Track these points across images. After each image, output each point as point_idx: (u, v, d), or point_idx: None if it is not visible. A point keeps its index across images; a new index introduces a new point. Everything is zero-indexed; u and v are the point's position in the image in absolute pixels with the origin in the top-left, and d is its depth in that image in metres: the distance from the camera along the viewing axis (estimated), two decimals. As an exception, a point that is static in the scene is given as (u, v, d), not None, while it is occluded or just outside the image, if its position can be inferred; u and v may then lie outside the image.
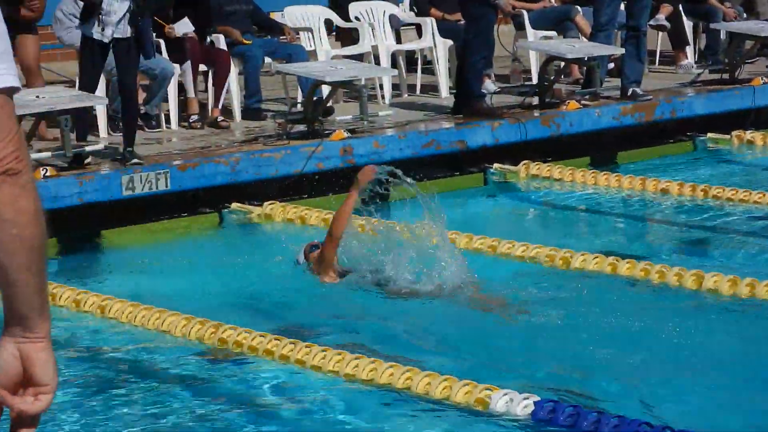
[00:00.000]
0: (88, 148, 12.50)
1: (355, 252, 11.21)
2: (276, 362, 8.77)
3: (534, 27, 16.99)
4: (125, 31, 12.73)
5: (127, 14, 12.63)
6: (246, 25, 15.76)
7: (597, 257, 10.54)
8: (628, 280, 10.46)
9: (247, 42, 15.52)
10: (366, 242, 11.54)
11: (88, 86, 12.85)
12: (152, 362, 9.43)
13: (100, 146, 12.62)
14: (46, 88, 13.55)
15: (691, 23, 18.39)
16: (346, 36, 17.78)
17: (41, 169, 11.71)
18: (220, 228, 12.65)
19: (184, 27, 14.83)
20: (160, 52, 14.50)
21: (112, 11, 12.69)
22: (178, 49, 14.78)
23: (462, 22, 15.25)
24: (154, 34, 14.38)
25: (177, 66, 14.55)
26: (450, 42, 16.31)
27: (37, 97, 12.38)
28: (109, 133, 14.07)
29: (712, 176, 13.85)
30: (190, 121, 14.82)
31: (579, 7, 17.23)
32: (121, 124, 13.57)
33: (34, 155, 11.80)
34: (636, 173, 13.75)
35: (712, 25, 17.64)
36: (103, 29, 12.65)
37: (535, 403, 7.36)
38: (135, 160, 12.16)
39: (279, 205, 12.71)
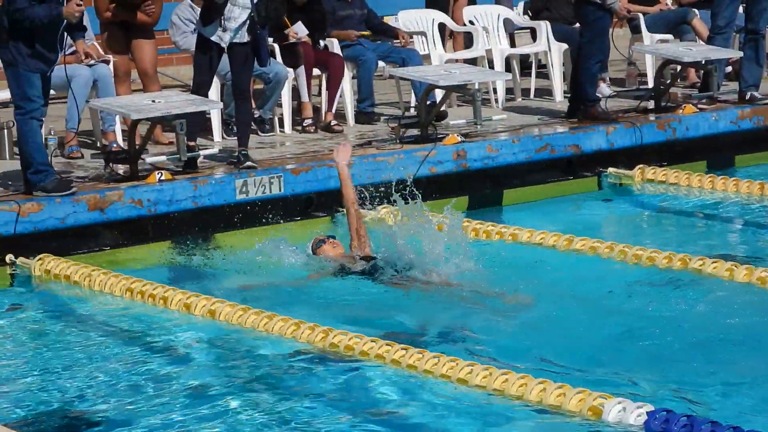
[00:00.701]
0: (202, 152, 12.60)
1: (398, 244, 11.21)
2: (387, 367, 8.68)
3: (650, 30, 16.82)
4: (243, 36, 12.86)
5: (248, 21, 12.76)
6: (360, 29, 15.69)
7: (716, 262, 10.30)
8: (746, 286, 10.17)
9: (365, 34, 15.54)
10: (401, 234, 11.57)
11: (202, 89, 12.99)
12: (264, 365, 9.26)
13: (214, 150, 12.76)
14: (161, 92, 13.64)
15: None
16: (460, 39, 17.64)
17: (156, 173, 11.84)
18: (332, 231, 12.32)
19: (299, 31, 14.91)
20: (275, 57, 14.50)
21: (233, 17, 12.87)
22: (293, 54, 14.79)
23: (577, 25, 15.11)
24: (270, 39, 14.46)
25: (291, 70, 14.58)
26: (565, 46, 16.24)
27: (153, 101, 12.49)
28: (223, 137, 14.13)
29: None
30: (304, 125, 14.83)
31: (696, 10, 16.96)
32: (234, 128, 13.69)
33: (150, 159, 12.16)
34: (755, 177, 13.52)
35: None
36: (222, 33, 12.84)
37: (648, 413, 7.11)
38: (248, 164, 12.30)
39: (392, 210, 12.56)
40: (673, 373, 8.53)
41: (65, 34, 11.53)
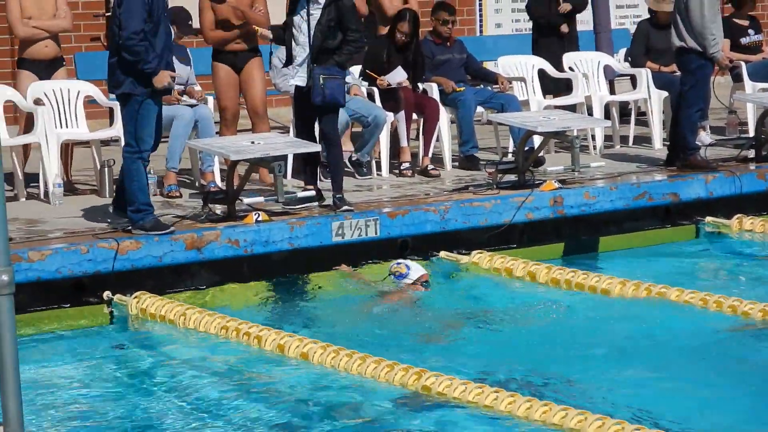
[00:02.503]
0: (300, 194, 12.70)
1: None
2: (468, 407, 8.62)
3: (752, 79, 16.66)
4: (304, 79, 13.00)
5: (306, 61, 12.88)
6: (459, 74, 15.67)
7: None
8: None
9: (460, 89, 15.41)
10: None
11: (302, 132, 13.06)
12: (357, 407, 9.18)
13: (311, 192, 12.74)
14: (261, 134, 13.83)
15: None
16: (560, 86, 17.50)
17: (254, 213, 11.93)
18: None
19: (398, 76, 14.86)
20: (374, 101, 14.65)
21: (297, 56, 13.06)
22: (393, 98, 14.80)
23: (677, 73, 14.98)
24: (367, 83, 14.52)
25: (390, 114, 14.59)
26: (665, 93, 16.12)
27: (252, 142, 12.67)
28: (320, 180, 13.98)
29: None
30: (401, 168, 14.81)
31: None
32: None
33: (248, 200, 12.29)
34: None
35: None
36: (293, 75, 13.06)
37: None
38: (345, 207, 12.37)
39: (487, 255, 12.54)
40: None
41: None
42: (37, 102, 13.65)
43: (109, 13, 13.21)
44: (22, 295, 10.44)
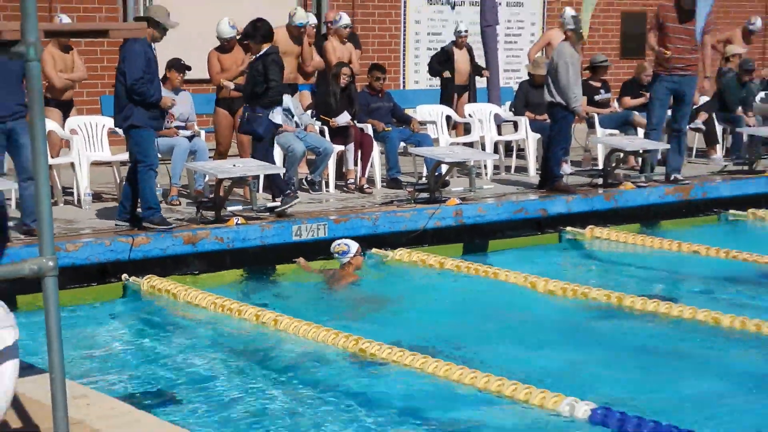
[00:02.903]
0: (268, 204, 12.79)
1: None
2: (395, 367, 8.74)
3: (602, 126, 17.13)
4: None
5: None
6: (387, 118, 15.74)
7: (642, 299, 10.51)
8: (667, 318, 10.34)
9: (388, 129, 15.54)
10: None
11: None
12: (310, 369, 9.24)
13: (276, 204, 12.74)
14: (241, 159, 13.88)
15: (722, 127, 18.08)
16: (461, 128, 17.75)
17: (234, 218, 12.09)
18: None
19: (344, 118, 14.97)
20: (324, 136, 14.74)
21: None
22: (341, 134, 14.95)
23: (548, 121, 15.33)
24: (320, 123, 14.96)
25: (338, 146, 14.75)
26: (538, 135, 16.41)
27: (234, 165, 12.66)
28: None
29: (733, 242, 13.65)
30: (347, 183, 14.96)
31: (636, 112, 17.27)
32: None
33: (230, 208, 12.40)
34: (675, 237, 13.62)
35: (737, 130, 17.43)
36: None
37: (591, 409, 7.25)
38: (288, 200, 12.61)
39: (406, 251, 12.74)
40: (609, 380, 8.69)
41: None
42: (72, 132, 13.85)
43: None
44: (62, 277, 10.50)
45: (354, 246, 11.96)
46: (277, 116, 13.19)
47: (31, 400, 5.95)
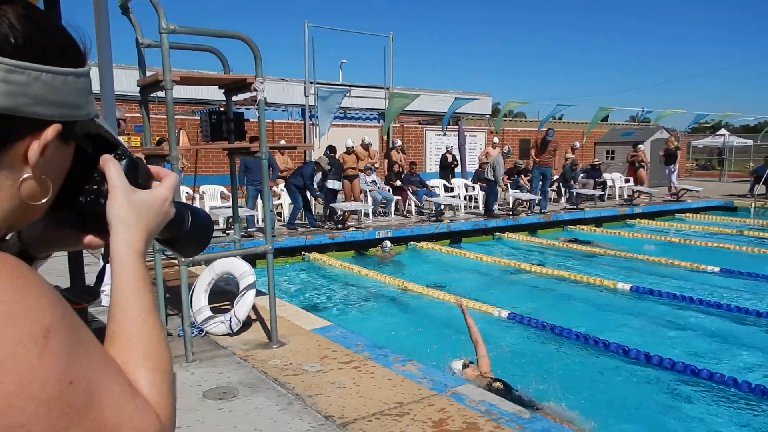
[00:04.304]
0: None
1: None
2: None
3: (512, 188, 16.50)
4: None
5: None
6: (417, 184, 14.82)
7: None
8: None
9: (416, 189, 14.60)
10: None
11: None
12: (379, 296, 8.77)
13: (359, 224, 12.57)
14: (350, 203, 12.97)
15: (563, 188, 17.15)
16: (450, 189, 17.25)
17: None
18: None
19: (399, 184, 14.55)
20: (390, 191, 14.19)
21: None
22: (398, 191, 14.40)
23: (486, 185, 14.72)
24: (388, 186, 14.36)
25: (398, 196, 14.17)
26: (483, 192, 15.64)
27: (348, 205, 12.29)
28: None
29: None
30: (404, 213, 14.13)
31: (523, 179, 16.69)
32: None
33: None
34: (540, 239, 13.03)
35: (571, 190, 16.69)
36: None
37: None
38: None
39: (426, 243, 12.04)
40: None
41: None
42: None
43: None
44: (275, 253, 10.40)
45: (390, 244, 11.48)
46: (335, 184, 12.54)
47: (260, 306, 5.99)
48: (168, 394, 0.73)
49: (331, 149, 13.00)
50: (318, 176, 12.15)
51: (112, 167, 0.78)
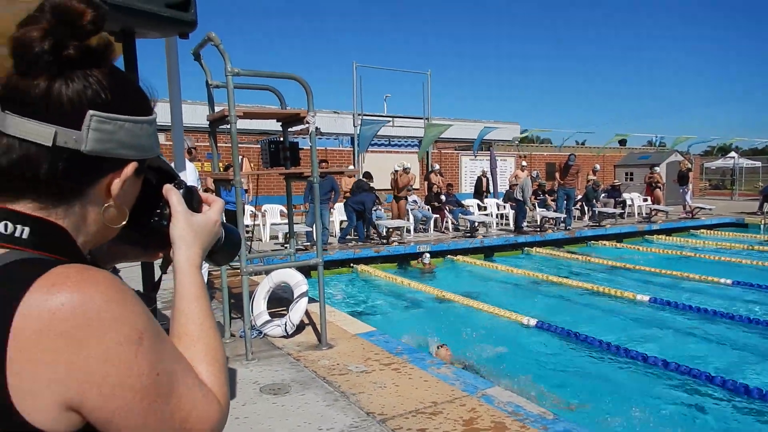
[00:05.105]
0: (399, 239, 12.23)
1: None
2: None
3: (540, 206, 16.12)
4: None
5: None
6: (454, 204, 14.61)
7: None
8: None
9: (453, 208, 14.44)
10: None
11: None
12: (419, 303, 8.70)
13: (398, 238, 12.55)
14: (396, 220, 12.84)
15: (587, 207, 17.07)
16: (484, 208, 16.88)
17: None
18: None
19: (438, 203, 14.41)
20: (430, 210, 14.01)
21: None
22: (437, 210, 14.12)
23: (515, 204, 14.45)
24: (427, 206, 14.22)
25: (436, 215, 14.03)
26: (513, 211, 15.37)
27: (392, 222, 12.22)
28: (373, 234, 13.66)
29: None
30: (442, 229, 13.92)
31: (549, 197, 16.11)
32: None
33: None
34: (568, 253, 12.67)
35: (593, 209, 16.35)
36: None
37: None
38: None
39: (462, 257, 11.96)
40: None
41: None
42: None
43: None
44: (326, 264, 10.18)
45: (429, 256, 11.29)
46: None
47: (312, 312, 5.97)
48: (224, 384, 0.79)
49: (366, 175, 12.93)
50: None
51: (173, 195, 0.84)
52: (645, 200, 18.64)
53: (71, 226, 0.73)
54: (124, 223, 0.78)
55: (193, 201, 0.87)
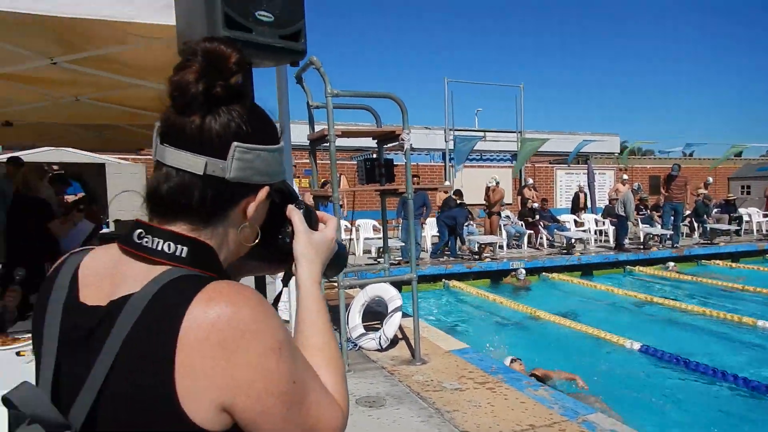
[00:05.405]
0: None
1: None
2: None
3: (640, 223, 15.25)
4: None
5: None
6: (548, 219, 14.52)
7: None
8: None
9: (548, 224, 14.20)
10: None
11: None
12: (506, 320, 8.67)
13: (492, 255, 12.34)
14: (488, 236, 12.77)
15: (697, 224, 15.98)
16: (580, 225, 16.17)
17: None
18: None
19: (532, 218, 14.12)
20: (522, 226, 13.72)
21: None
22: (532, 226, 13.81)
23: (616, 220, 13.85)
24: (520, 221, 13.88)
25: (530, 230, 13.73)
26: (613, 227, 14.64)
27: (485, 238, 12.05)
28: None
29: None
30: (536, 246, 13.65)
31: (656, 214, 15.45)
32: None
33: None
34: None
35: (704, 225, 15.18)
36: None
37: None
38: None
39: (558, 275, 11.57)
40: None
41: None
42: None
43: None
44: (419, 279, 10.38)
45: (524, 271, 11.03)
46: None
47: (405, 327, 6.00)
48: (346, 392, 0.84)
49: (456, 193, 12.82)
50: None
51: (295, 215, 0.91)
52: (766, 216, 17.12)
53: (216, 245, 0.80)
54: (256, 241, 0.85)
55: (312, 220, 0.93)
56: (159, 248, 0.76)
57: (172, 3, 1.71)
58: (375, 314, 6.34)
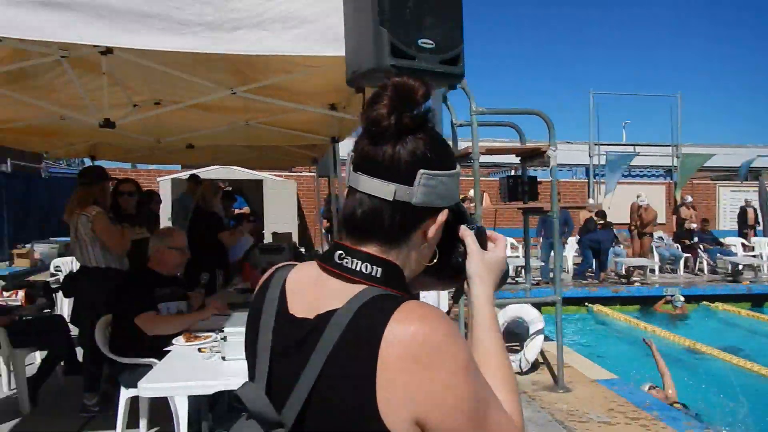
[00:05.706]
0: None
1: None
2: None
3: None
4: None
5: None
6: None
7: None
8: None
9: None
10: None
11: None
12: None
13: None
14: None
15: None
16: (749, 248, 14.49)
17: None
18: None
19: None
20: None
21: None
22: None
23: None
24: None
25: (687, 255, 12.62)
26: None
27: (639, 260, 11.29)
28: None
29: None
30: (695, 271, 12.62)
31: None
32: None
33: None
34: None
35: None
36: None
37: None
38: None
39: (720, 304, 10.42)
40: None
41: None
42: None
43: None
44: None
45: (682, 298, 10.08)
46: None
47: (546, 351, 5.82)
48: (521, 412, 0.85)
49: (600, 214, 11.99)
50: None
51: (468, 235, 0.94)
52: None
53: (401, 265, 0.85)
54: (435, 261, 0.89)
55: (482, 239, 0.96)
56: (357, 269, 0.82)
57: (341, 35, 1.86)
58: (514, 335, 6.17)
